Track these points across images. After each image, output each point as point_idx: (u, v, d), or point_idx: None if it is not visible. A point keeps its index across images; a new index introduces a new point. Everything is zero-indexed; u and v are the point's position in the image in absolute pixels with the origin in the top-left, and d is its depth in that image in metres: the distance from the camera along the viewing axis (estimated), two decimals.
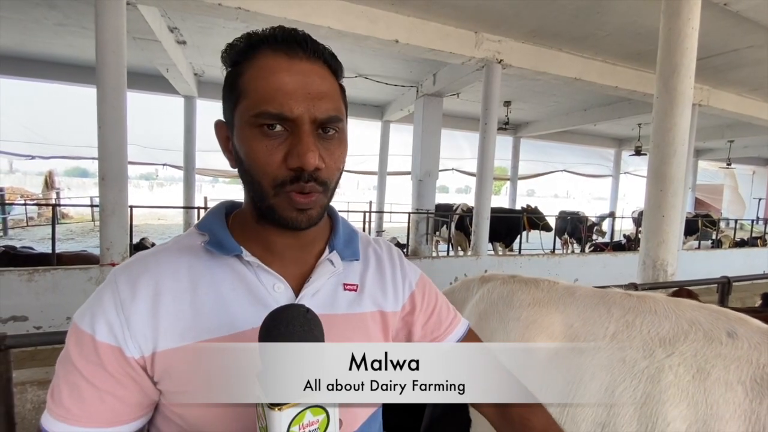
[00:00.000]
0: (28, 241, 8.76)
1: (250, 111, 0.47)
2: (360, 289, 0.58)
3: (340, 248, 0.58)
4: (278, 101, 0.45)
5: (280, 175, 0.47)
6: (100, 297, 0.48)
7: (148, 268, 0.50)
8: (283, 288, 0.52)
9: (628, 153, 11.76)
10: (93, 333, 0.46)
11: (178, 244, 0.53)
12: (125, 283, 0.48)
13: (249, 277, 0.51)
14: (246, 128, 0.47)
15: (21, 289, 3.39)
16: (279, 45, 0.48)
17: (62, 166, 15.21)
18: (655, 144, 3.12)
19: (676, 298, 0.68)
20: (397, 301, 0.61)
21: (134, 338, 0.46)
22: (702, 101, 6.66)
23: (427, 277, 0.66)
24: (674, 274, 3.17)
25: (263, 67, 0.47)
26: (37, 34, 5.45)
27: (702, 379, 0.56)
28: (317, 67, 0.49)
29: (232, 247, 0.51)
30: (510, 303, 0.77)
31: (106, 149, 3.51)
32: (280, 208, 0.49)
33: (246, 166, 0.49)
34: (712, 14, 3.76)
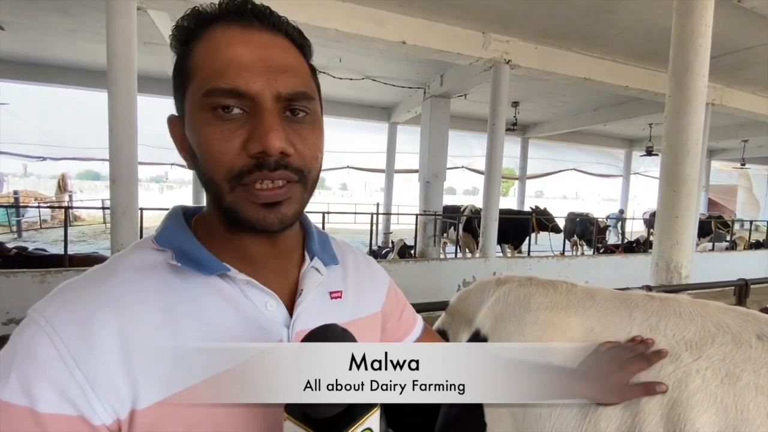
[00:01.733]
0: (41, 243, 8.90)
1: (200, 90, 0.39)
2: (344, 295, 0.54)
3: (320, 253, 0.52)
4: (231, 75, 0.38)
5: (237, 165, 0.39)
6: (30, 351, 0.35)
7: (103, 301, 0.38)
8: (276, 305, 0.46)
9: (638, 153, 11.60)
10: (32, 404, 0.33)
11: (130, 264, 0.42)
12: (71, 327, 0.36)
13: (235, 296, 0.44)
14: (197, 113, 0.39)
15: (34, 291, 3.44)
16: (232, 17, 0.40)
17: (75, 169, 15.48)
18: (668, 144, 3.06)
19: (702, 300, 0.65)
20: (378, 302, 0.60)
21: (103, 399, 0.35)
22: (715, 100, 6.55)
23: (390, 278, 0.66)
24: (689, 277, 3.11)
25: (214, 41, 0.40)
26: (51, 39, 5.55)
27: (731, 383, 0.54)
28: (279, 40, 0.42)
29: (214, 264, 0.43)
30: (527, 306, 0.75)
31: (116, 152, 3.56)
32: (241, 205, 0.40)
33: (199, 160, 0.40)
34: (726, 11, 3.69)
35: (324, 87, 0.50)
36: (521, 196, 11.94)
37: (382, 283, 0.62)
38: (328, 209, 8.67)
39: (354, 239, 11.05)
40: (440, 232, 7.53)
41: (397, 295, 0.65)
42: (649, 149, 9.39)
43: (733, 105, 6.81)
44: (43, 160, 9.19)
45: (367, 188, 22.54)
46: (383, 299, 0.61)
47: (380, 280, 0.62)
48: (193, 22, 0.42)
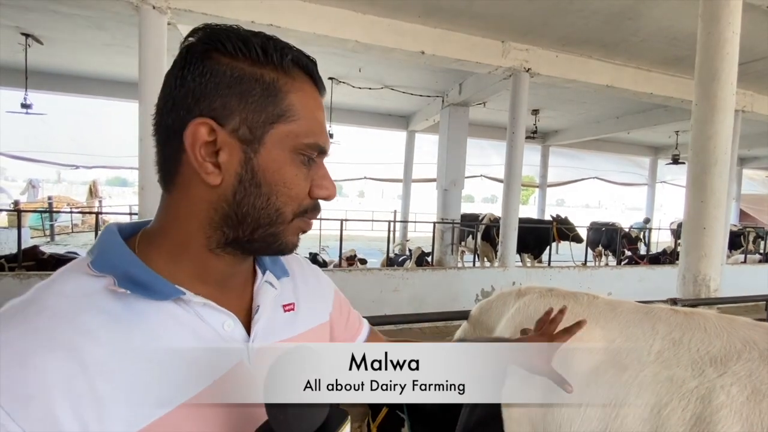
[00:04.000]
0: (72, 247, 9.28)
1: (304, 139, 0.43)
2: (296, 307, 0.53)
3: (271, 266, 0.52)
4: (324, 136, 0.46)
5: (305, 204, 0.45)
6: None
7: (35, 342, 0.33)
8: (233, 324, 0.45)
9: (664, 161, 11.27)
10: None
11: (62, 294, 0.38)
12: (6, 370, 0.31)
13: (190, 320, 0.42)
14: (288, 152, 0.43)
15: None
16: (315, 77, 0.46)
17: (104, 176, 16.12)
18: (695, 153, 2.98)
19: (729, 315, 0.64)
20: (326, 310, 0.60)
21: None
22: (745, 107, 6.33)
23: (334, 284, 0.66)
24: (718, 290, 2.99)
25: (309, 96, 0.45)
26: (86, 53, 5.85)
27: (757, 400, 0.52)
28: None
29: (167, 290, 0.40)
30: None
31: (146, 161, 3.70)
32: (287, 233, 0.45)
33: (266, 189, 0.42)
34: (755, 17, 3.59)
35: (343, 96, 0.54)
36: (541, 205, 11.74)
37: (328, 290, 0.62)
38: (345, 216, 8.73)
39: (370, 246, 11.07)
40: (458, 241, 7.47)
41: (341, 301, 0.65)
42: (676, 157, 9.11)
43: (765, 112, 6.55)
44: (76, 168, 9.61)
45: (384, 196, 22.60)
46: (331, 307, 0.61)
47: (326, 287, 0.62)
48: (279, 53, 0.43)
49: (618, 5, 3.90)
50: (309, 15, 4.08)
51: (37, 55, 5.69)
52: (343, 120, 8.64)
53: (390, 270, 5.05)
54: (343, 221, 6.29)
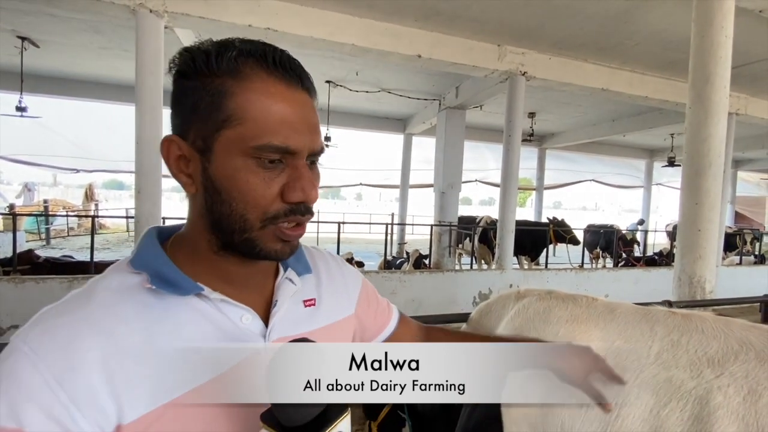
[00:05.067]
0: (68, 250, 9.22)
1: (251, 142, 0.42)
2: (318, 302, 0.56)
3: (293, 264, 0.55)
4: (283, 134, 0.42)
5: (273, 209, 0.44)
6: (14, 376, 0.36)
7: (84, 324, 0.40)
8: (251, 318, 0.48)
9: (660, 164, 11.34)
10: (20, 426, 0.35)
11: (108, 287, 0.43)
12: (53, 352, 0.38)
13: (212, 313, 0.46)
14: (235, 158, 0.42)
15: (61, 296, 3.53)
16: (274, 69, 0.43)
17: (100, 179, 16.04)
18: (689, 156, 3.00)
19: (725, 317, 0.65)
20: (351, 304, 0.62)
21: (88, 417, 0.37)
22: (739, 110, 6.39)
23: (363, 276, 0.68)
24: (713, 292, 3.01)
25: (260, 92, 0.42)
26: (83, 56, 5.84)
27: (753, 401, 0.53)
28: (309, 98, 0.46)
29: (189, 286, 0.45)
30: (547, 319, 0.76)
31: (142, 164, 3.69)
32: (264, 241, 0.45)
33: (226, 197, 0.43)
34: (748, 21, 3.63)
35: (340, 99, 0.54)
36: (538, 207, 11.78)
37: (354, 284, 0.64)
38: (342, 219, 8.73)
39: (368, 249, 11.06)
40: (455, 243, 7.48)
41: (368, 292, 0.66)
42: (671, 160, 9.17)
43: (759, 115, 6.62)
44: (76, 172, 9.57)
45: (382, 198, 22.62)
46: (356, 300, 0.63)
47: (352, 282, 0.64)
48: (228, 55, 0.42)
49: (613, 10, 3.94)
50: (306, 19, 4.10)
51: (34, 59, 5.68)
52: (340, 123, 8.65)
53: (387, 273, 5.05)
54: (340, 224, 6.29)
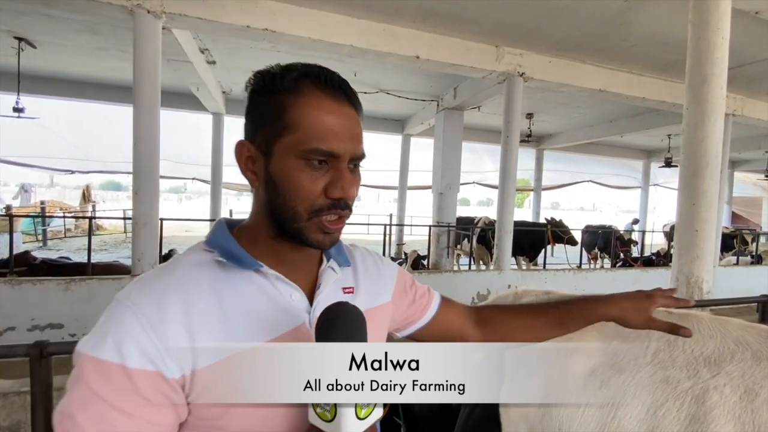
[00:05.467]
0: (65, 252, 9.19)
1: (301, 146, 0.51)
2: (356, 290, 0.64)
3: (335, 256, 0.64)
4: (329, 140, 0.51)
5: (317, 203, 0.52)
6: (120, 322, 0.46)
7: (170, 287, 0.50)
8: (299, 296, 0.57)
9: (657, 164, 11.38)
10: (122, 361, 0.44)
11: (188, 262, 0.54)
12: (149, 304, 0.47)
13: (268, 288, 0.55)
14: (290, 158, 0.52)
15: (58, 298, 3.55)
16: (327, 87, 0.52)
17: (97, 180, 15.99)
18: (686, 156, 3.01)
19: (722, 317, 0.65)
20: (387, 293, 0.70)
21: (173, 359, 0.46)
22: (736, 111, 6.42)
23: (400, 267, 0.77)
24: (710, 292, 3.02)
25: (314, 106, 0.51)
26: (81, 57, 5.82)
27: (749, 400, 0.53)
28: (354, 112, 0.55)
29: (250, 262, 0.54)
30: None
31: (140, 165, 3.68)
32: (309, 231, 0.53)
33: (281, 191, 0.53)
34: (744, 23, 3.65)
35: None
36: (536, 208, 11.80)
37: (390, 276, 0.72)
38: None
39: None
40: (454, 244, 7.49)
41: (405, 283, 0.74)
42: (668, 160, 9.21)
43: (755, 116, 6.65)
44: (72, 173, 9.53)
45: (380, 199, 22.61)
46: (392, 290, 0.71)
47: (388, 274, 0.72)
48: (289, 76, 0.52)
49: (610, 11, 3.96)
50: (304, 20, 4.10)
51: (31, 59, 5.66)
52: None
53: None
54: None
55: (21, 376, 1.57)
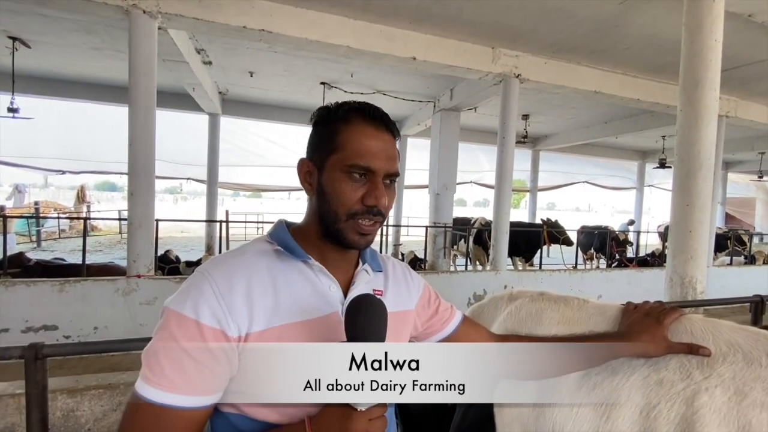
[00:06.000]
0: (59, 253, 9.11)
1: (345, 161, 0.63)
2: (384, 293, 0.73)
3: (369, 261, 0.74)
4: (367, 158, 0.63)
5: (354, 208, 0.63)
6: (199, 288, 0.59)
7: (238, 267, 0.62)
8: (336, 288, 0.67)
9: (652, 165, 11.46)
10: (197, 318, 0.56)
11: (254, 249, 0.67)
12: (221, 278, 0.60)
13: (312, 278, 0.66)
14: (337, 172, 0.64)
15: (53, 299, 3.52)
16: (369, 118, 0.65)
17: (93, 181, 15.87)
18: (680, 157, 3.04)
19: (713, 318, 0.66)
20: (412, 301, 0.78)
21: (235, 322, 0.58)
22: (729, 112, 6.48)
23: (427, 282, 0.86)
24: (704, 292, 3.05)
25: (358, 132, 0.64)
26: (75, 57, 5.79)
27: (738, 400, 0.55)
28: (391, 138, 0.67)
29: (301, 254, 0.66)
30: (539, 321, 0.76)
31: (135, 166, 3.66)
32: (347, 231, 0.64)
33: (328, 197, 0.65)
34: (737, 25, 3.69)
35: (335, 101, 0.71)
36: (532, 208, 11.84)
37: (416, 287, 0.81)
38: None
39: None
40: (450, 245, 7.50)
41: (429, 296, 0.83)
42: (663, 162, 9.27)
43: (748, 117, 6.72)
44: (63, 173, 9.44)
45: None
46: (417, 299, 0.80)
47: (415, 285, 0.81)
48: (345, 111, 0.66)
49: (604, 13, 3.98)
50: (301, 21, 4.09)
51: (25, 59, 5.62)
52: None
53: None
54: None
55: (15, 378, 1.56)
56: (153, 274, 3.87)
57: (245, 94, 7.73)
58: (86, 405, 1.74)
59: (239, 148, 9.50)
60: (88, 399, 1.74)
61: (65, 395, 1.72)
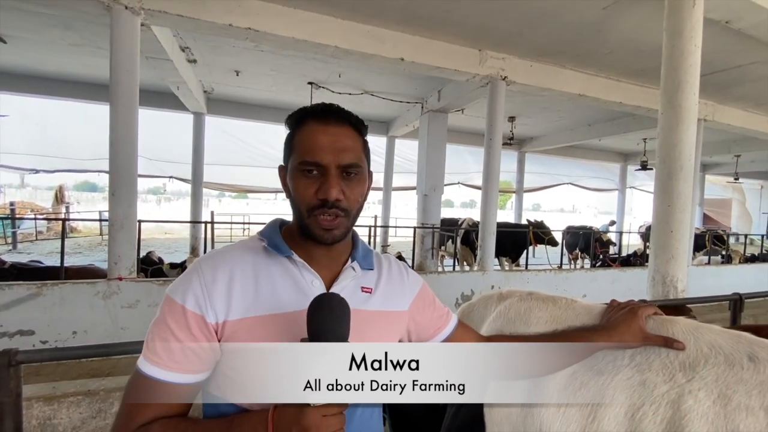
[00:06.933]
0: (36, 255, 8.83)
1: (297, 160, 0.67)
2: (373, 291, 0.74)
3: (360, 259, 0.75)
4: (314, 153, 0.65)
5: (311, 203, 0.66)
6: (189, 278, 0.65)
7: (225, 261, 0.67)
8: (318, 284, 0.69)
9: (633, 167, 11.73)
10: (184, 303, 0.62)
11: (245, 245, 0.72)
12: (208, 270, 0.65)
13: (295, 273, 0.69)
14: (294, 171, 0.68)
15: (29, 303, 3.40)
16: (318, 115, 0.68)
17: (72, 181, 15.44)
18: (662, 160, 3.11)
19: (695, 321, 0.67)
20: (404, 303, 0.77)
21: (213, 309, 0.63)
22: (707, 116, 6.68)
23: (426, 284, 0.84)
24: (685, 291, 3.13)
25: (307, 131, 0.68)
26: (53, 53, 5.62)
27: (723, 405, 0.55)
28: (344, 129, 0.68)
29: (285, 250, 0.70)
30: (527, 321, 0.77)
31: (117, 166, 3.57)
32: (312, 227, 0.67)
33: (293, 196, 0.69)
34: (715, 32, 3.80)
35: (323, 101, 0.72)
36: (518, 210, 11.99)
37: (411, 289, 0.80)
38: None
39: None
40: (438, 245, 7.53)
41: (425, 299, 0.82)
42: (644, 163, 9.49)
43: (725, 121, 6.93)
44: (36, 172, 9.14)
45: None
46: (410, 301, 0.79)
47: (410, 286, 0.81)
48: (298, 116, 0.70)
49: (587, 18, 4.06)
50: (288, 19, 4.06)
51: (0, 55, 5.43)
52: None
53: None
54: None
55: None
56: (135, 276, 3.77)
57: (231, 93, 7.63)
58: (64, 413, 1.68)
59: (225, 147, 9.37)
60: (65, 406, 1.68)
61: (41, 403, 1.66)
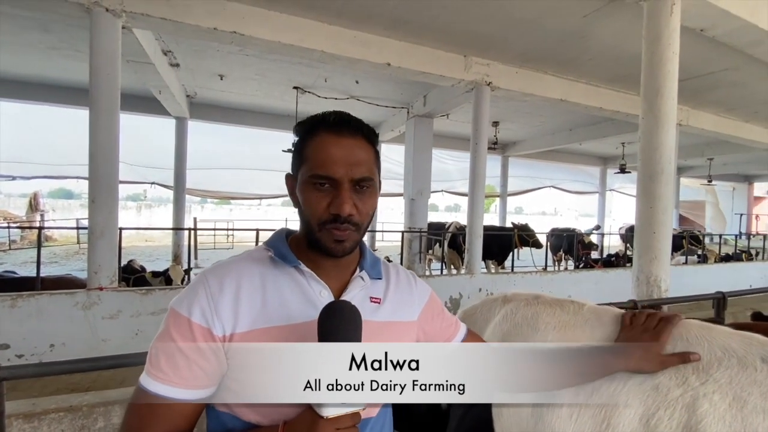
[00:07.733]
0: (10, 265, 8.47)
1: (309, 172, 0.64)
2: (382, 301, 0.72)
3: (368, 269, 0.73)
4: (327, 167, 0.63)
5: (323, 217, 0.64)
6: (195, 290, 0.63)
7: (231, 271, 0.65)
8: (327, 294, 0.68)
9: (613, 171, 12.06)
10: (189, 316, 0.60)
11: (251, 256, 0.70)
12: (214, 281, 0.63)
13: (303, 283, 0.67)
14: (305, 183, 0.65)
15: (3, 315, 3.25)
16: (331, 125, 0.65)
17: (47, 188, 14.91)
18: (643, 163, 3.20)
19: (708, 324, 0.68)
20: (414, 313, 0.76)
21: (220, 321, 0.61)
22: (682, 121, 6.92)
23: (435, 293, 0.84)
24: (668, 290, 3.21)
25: (319, 141, 0.65)
26: (31, 56, 5.44)
27: (739, 407, 0.55)
28: (357, 141, 0.66)
29: (293, 260, 0.68)
30: (535, 326, 0.76)
31: (97, 172, 3.47)
32: (323, 240, 0.65)
33: (303, 208, 0.67)
34: (690, 39, 3.94)
35: (308, 106, 0.72)
36: (502, 213, 12.15)
37: (420, 299, 0.79)
38: None
39: None
40: (425, 249, 7.55)
41: (434, 308, 0.81)
42: (623, 167, 9.76)
43: (699, 125, 7.20)
44: (13, 179, 8.80)
45: None
46: (419, 311, 0.78)
47: (419, 296, 0.79)
48: (309, 124, 0.67)
49: (569, 26, 4.17)
50: (274, 24, 4.03)
51: None
52: None
53: None
54: None
55: None
56: (117, 285, 3.65)
57: (215, 97, 7.51)
58: (45, 430, 1.60)
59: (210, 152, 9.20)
60: (47, 423, 1.60)
61: (21, 420, 1.58)
